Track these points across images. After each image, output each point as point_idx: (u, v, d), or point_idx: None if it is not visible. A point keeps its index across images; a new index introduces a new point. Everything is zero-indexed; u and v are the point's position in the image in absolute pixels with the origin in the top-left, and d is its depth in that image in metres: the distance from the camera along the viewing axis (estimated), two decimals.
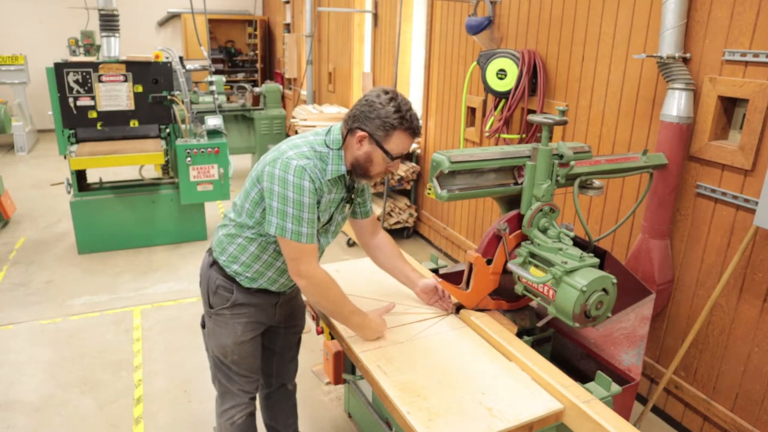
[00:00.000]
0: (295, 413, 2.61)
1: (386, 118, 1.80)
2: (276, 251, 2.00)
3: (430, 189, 2.17)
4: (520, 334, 2.36)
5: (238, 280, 2.04)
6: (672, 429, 3.03)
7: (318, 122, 6.54)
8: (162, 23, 11.76)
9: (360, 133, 1.83)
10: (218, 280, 2.04)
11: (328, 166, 1.88)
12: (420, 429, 1.60)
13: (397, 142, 1.84)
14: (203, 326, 2.20)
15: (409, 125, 1.83)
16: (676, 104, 2.69)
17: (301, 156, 1.84)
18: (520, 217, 2.24)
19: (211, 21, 11.38)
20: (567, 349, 2.59)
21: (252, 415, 2.28)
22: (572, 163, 2.23)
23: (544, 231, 2.19)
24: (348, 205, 2.08)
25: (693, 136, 2.73)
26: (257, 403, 2.35)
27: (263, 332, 2.21)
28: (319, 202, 1.88)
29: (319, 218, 1.92)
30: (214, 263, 2.07)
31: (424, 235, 5.74)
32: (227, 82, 10.00)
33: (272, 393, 2.51)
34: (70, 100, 4.83)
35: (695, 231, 2.82)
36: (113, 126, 5.11)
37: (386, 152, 1.84)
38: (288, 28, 10.15)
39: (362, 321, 2.00)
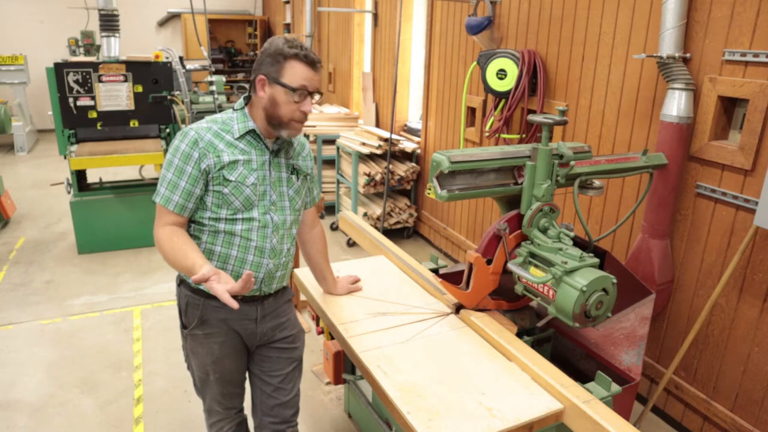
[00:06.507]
0: None
1: (276, 52, 1.78)
2: (227, 236, 1.87)
3: (430, 189, 2.16)
4: (520, 334, 2.36)
5: (204, 288, 1.86)
6: (672, 429, 3.03)
7: (318, 122, 6.54)
8: (162, 23, 11.76)
9: (259, 77, 1.81)
10: (186, 297, 1.95)
11: (234, 125, 1.86)
12: (420, 429, 1.60)
13: (291, 72, 1.77)
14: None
15: (302, 54, 1.78)
16: (676, 104, 2.69)
17: (199, 125, 1.84)
18: (520, 217, 2.24)
19: (211, 21, 11.39)
20: (567, 349, 2.59)
21: (242, 423, 2.21)
22: (572, 163, 2.23)
23: (544, 231, 2.19)
24: (294, 177, 1.98)
25: (693, 136, 2.73)
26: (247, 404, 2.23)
27: (251, 358, 2.12)
28: (223, 168, 1.80)
29: (241, 191, 1.83)
30: (182, 281, 1.99)
31: (424, 235, 5.74)
32: (227, 82, 10.01)
33: None
34: (70, 100, 4.83)
35: (695, 231, 2.82)
36: (113, 126, 5.11)
37: (284, 85, 1.78)
38: (288, 28, 10.15)
39: (191, 269, 1.73)
